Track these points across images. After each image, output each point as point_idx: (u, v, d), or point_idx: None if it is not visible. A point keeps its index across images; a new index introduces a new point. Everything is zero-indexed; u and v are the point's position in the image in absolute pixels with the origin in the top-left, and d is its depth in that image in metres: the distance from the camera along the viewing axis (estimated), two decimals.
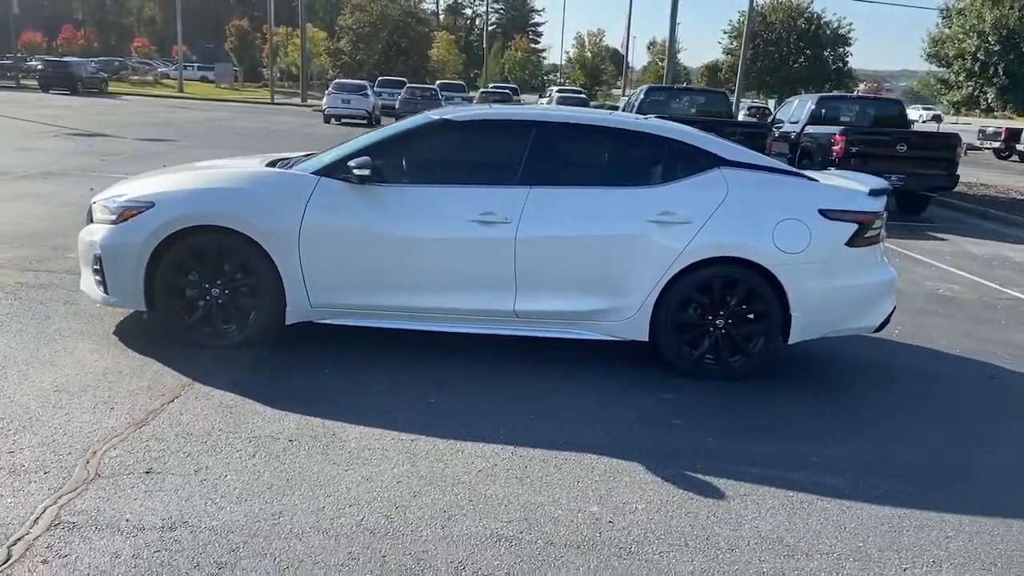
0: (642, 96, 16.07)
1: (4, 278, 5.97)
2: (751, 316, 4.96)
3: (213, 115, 29.02)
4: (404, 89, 33.24)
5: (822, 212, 4.91)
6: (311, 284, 4.79)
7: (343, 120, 28.91)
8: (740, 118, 26.91)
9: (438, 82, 44.25)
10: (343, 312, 4.88)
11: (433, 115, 5.22)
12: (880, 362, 5.64)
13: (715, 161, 5.00)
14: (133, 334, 5.01)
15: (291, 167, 5.11)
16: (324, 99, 31.07)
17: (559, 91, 37.43)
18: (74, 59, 45.73)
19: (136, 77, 62.79)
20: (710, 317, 4.92)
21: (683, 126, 5.39)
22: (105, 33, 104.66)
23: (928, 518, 3.47)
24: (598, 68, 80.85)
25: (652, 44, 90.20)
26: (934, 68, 37.63)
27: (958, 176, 12.85)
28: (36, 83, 40.45)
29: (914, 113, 57.99)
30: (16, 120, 20.80)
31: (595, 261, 4.83)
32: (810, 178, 5.15)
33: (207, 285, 4.78)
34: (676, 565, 2.99)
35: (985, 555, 3.21)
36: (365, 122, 30.40)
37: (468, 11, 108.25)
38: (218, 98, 44.83)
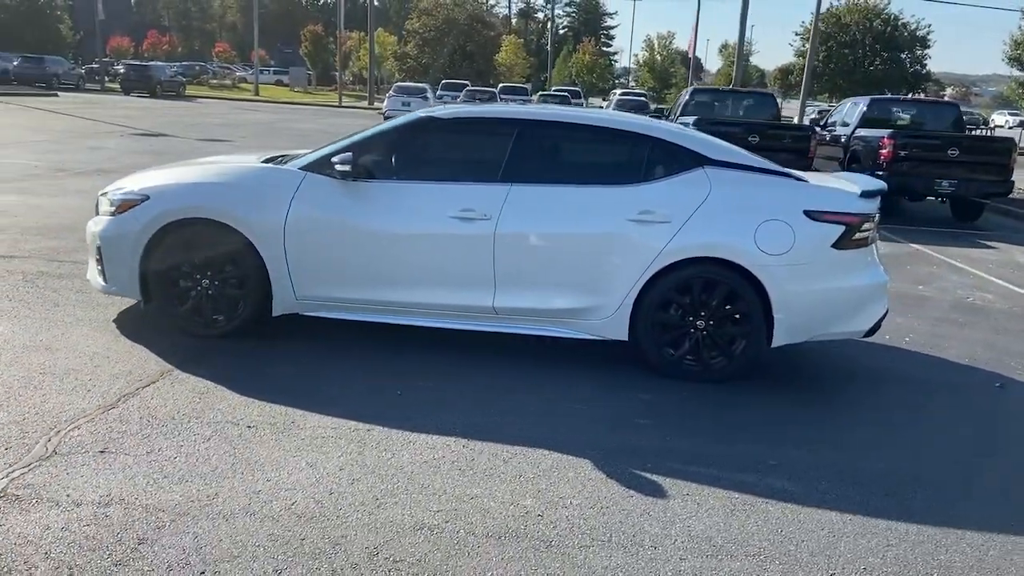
0: (687, 98, 15.90)
1: (27, 267, 6.29)
2: (733, 318, 4.88)
3: (279, 117, 29.86)
4: (463, 92, 33.54)
5: (807, 213, 4.82)
6: (296, 277, 4.92)
7: None
8: (804, 121, 26.33)
9: (500, 85, 44.47)
10: (327, 305, 5.00)
11: (420, 113, 5.31)
12: (878, 369, 5.48)
13: (699, 160, 4.95)
14: (130, 323, 5.23)
15: (284, 164, 5.25)
16: (384, 102, 31.65)
17: (620, 94, 37.22)
18: (154, 63, 47.67)
19: (215, 81, 64.84)
20: (691, 318, 4.87)
21: (671, 125, 5.37)
22: (189, 38, 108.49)
23: (873, 525, 3.38)
24: (667, 71, 79.97)
25: (724, 47, 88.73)
26: (1015, 72, 36.10)
27: (1013, 182, 12.31)
28: (119, 86, 42.27)
29: (1000, 118, 55.62)
30: (92, 121, 21.78)
31: (574, 259, 4.84)
32: (798, 178, 5.05)
33: (198, 276, 4.96)
34: (593, 560, 2.99)
35: (923, 565, 3.12)
36: None
37: (540, 15, 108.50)
38: (290, 101, 46.14)
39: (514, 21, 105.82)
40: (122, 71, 43.61)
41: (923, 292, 7.84)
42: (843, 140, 14.11)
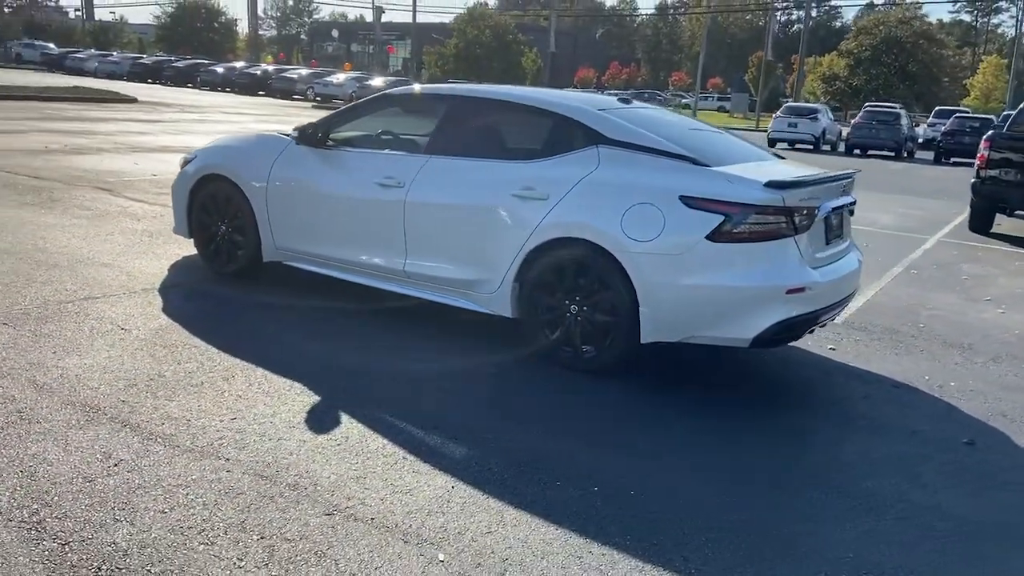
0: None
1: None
2: (603, 307, 4.52)
3: None
4: (861, 112, 30.82)
5: (683, 199, 4.29)
6: (275, 228, 5.75)
7: (791, 144, 28.34)
8: None
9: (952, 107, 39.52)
10: (296, 256, 5.74)
11: (387, 91, 5.78)
12: (847, 395, 4.53)
13: (595, 138, 4.69)
14: (185, 257, 6.51)
15: None
16: (770, 122, 30.71)
17: None
18: (587, 92, 52.15)
19: None
20: (567, 302, 4.63)
21: (584, 100, 5.08)
22: (656, 68, 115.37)
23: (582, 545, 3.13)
24: None
25: None
26: None
27: None
28: None
29: None
30: None
31: (465, 230, 4.92)
32: (700, 163, 4.48)
33: (219, 223, 6.07)
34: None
35: None
36: (811, 148, 29.32)
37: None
38: (724, 127, 47.27)
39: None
40: None
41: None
42: None
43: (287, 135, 5.92)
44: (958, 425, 4.38)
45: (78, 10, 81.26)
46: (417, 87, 5.84)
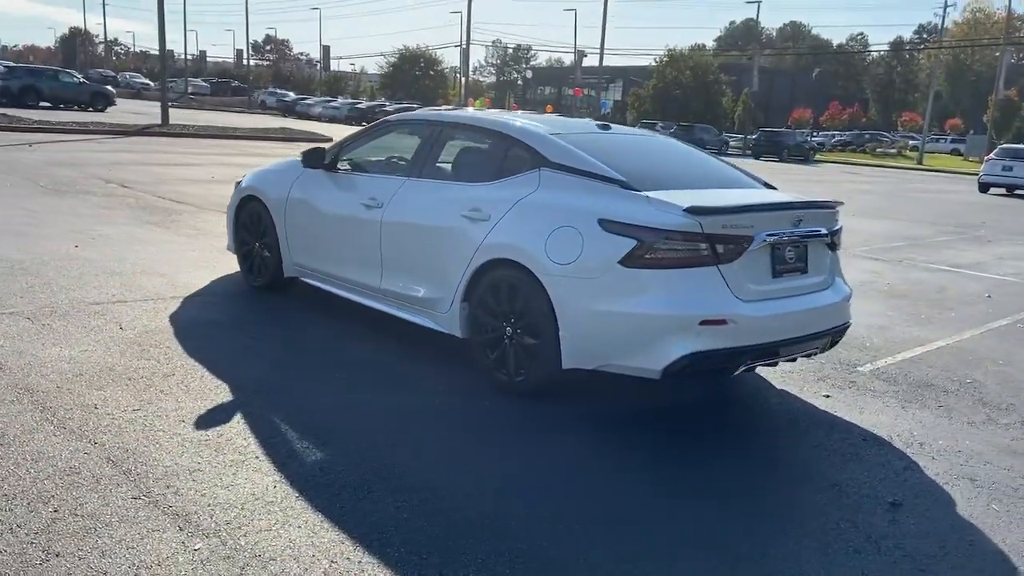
0: None
1: None
2: (531, 330, 4.43)
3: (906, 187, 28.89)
4: None
5: (601, 222, 4.16)
6: (291, 245, 6.14)
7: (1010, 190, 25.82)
8: None
9: None
10: (306, 272, 6.09)
11: (387, 118, 5.99)
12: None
13: (540, 161, 4.68)
14: (237, 272, 7.03)
15: None
16: (982, 165, 27.92)
17: None
18: (785, 130, 50.09)
19: (880, 149, 64.03)
20: (503, 324, 4.59)
21: (538, 124, 5.02)
22: (887, 109, 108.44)
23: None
24: None
25: None
26: None
27: None
28: (750, 151, 45.87)
29: None
30: None
31: (425, 250, 5.03)
32: (629, 187, 4.32)
33: (253, 240, 6.56)
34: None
35: None
36: None
37: None
38: (951, 170, 44.04)
39: None
40: (754, 137, 47.18)
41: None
42: None
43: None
44: (900, 485, 3.87)
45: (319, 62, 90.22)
46: (407, 114, 6.06)
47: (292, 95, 60.31)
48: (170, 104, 28.33)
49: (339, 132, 36.04)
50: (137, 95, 60.59)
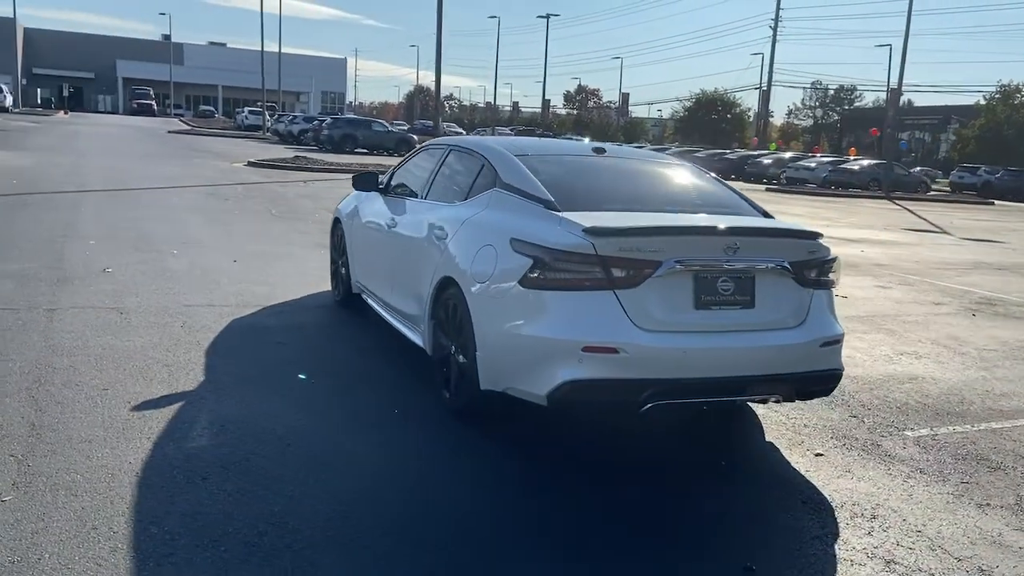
0: None
1: None
2: (463, 349, 4.37)
3: None
4: None
5: (512, 241, 4.11)
6: (352, 263, 6.58)
7: None
8: None
9: None
10: (360, 288, 6.46)
11: (426, 143, 6.18)
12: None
13: (495, 181, 4.71)
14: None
15: None
16: None
17: None
18: None
19: None
20: (451, 342, 4.58)
21: (506, 146, 5.00)
22: None
23: None
24: None
25: None
26: None
27: None
28: None
29: None
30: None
31: (410, 267, 5.18)
32: (552, 207, 4.19)
33: (338, 259, 7.07)
34: None
35: None
36: None
37: None
38: None
39: None
40: None
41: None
42: None
43: None
44: (784, 554, 3.25)
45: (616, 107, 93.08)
46: (433, 140, 6.23)
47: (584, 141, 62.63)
48: None
49: None
50: None
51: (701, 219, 4.30)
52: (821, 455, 4.42)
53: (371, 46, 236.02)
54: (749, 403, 4.27)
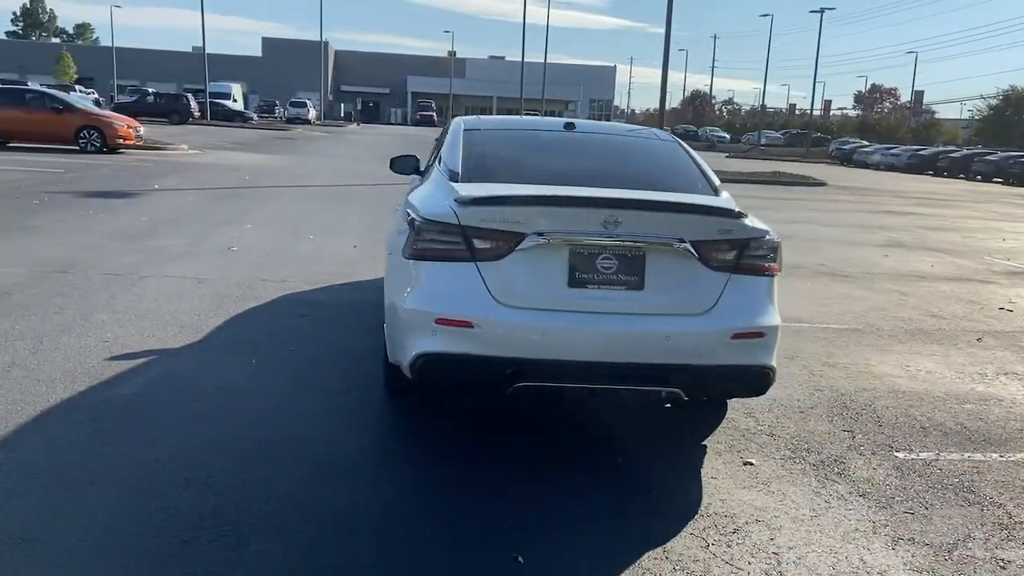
0: None
1: None
2: None
3: None
4: None
5: (406, 212, 4.13)
6: None
7: None
8: None
9: None
10: None
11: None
12: None
13: (440, 158, 4.71)
14: None
15: None
16: None
17: None
18: None
19: None
20: None
21: (486, 121, 5.18)
22: None
23: None
24: None
25: None
26: None
27: None
28: None
29: None
30: None
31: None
32: (455, 179, 4.12)
33: None
34: None
35: None
36: None
37: None
38: None
39: None
40: None
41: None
42: None
43: None
44: (571, 548, 2.91)
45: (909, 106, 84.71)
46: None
47: (852, 143, 57.74)
48: (733, 155, 29.75)
49: (875, 180, 33.79)
50: (711, 147, 63.54)
51: (582, 190, 3.90)
52: (751, 464, 3.86)
53: (649, 53, 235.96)
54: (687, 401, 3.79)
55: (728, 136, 73.70)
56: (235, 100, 56.46)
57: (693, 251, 3.60)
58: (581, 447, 4.04)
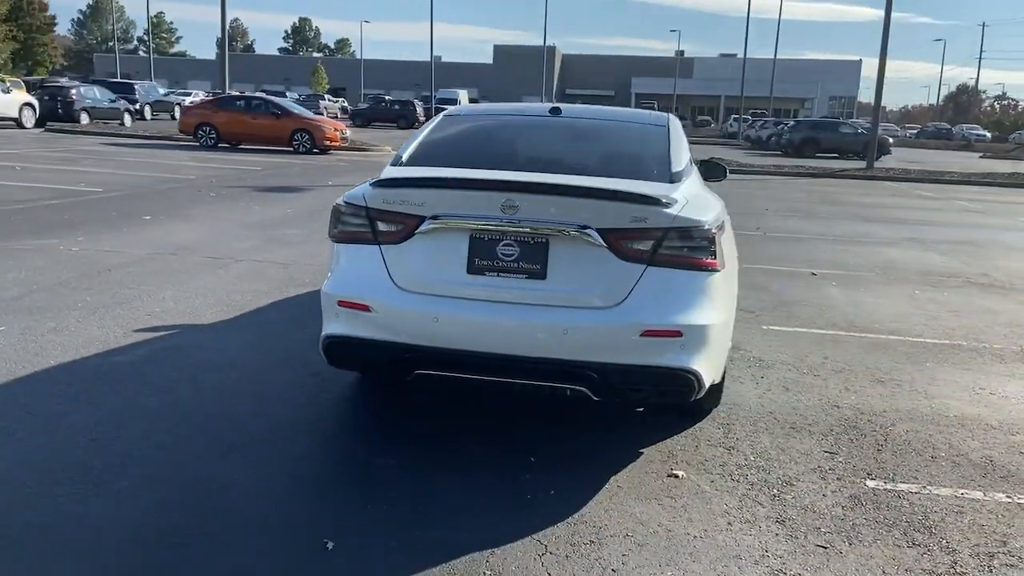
0: None
1: None
2: None
3: None
4: None
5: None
6: None
7: None
8: None
9: None
10: None
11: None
12: None
13: None
14: None
15: None
16: None
17: None
18: None
19: None
20: None
21: (467, 106, 5.19)
22: None
23: None
24: None
25: None
26: None
27: None
28: None
29: None
30: None
31: None
32: (396, 163, 4.05)
33: None
34: None
35: None
36: None
37: None
38: None
39: None
40: None
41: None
42: None
43: None
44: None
45: None
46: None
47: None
48: (988, 155, 27.17)
49: None
50: (967, 146, 57.16)
51: (481, 173, 3.63)
52: (675, 476, 3.45)
53: (907, 44, 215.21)
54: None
55: (989, 135, 65.92)
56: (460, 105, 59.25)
57: (600, 239, 3.29)
58: (515, 440, 3.79)
